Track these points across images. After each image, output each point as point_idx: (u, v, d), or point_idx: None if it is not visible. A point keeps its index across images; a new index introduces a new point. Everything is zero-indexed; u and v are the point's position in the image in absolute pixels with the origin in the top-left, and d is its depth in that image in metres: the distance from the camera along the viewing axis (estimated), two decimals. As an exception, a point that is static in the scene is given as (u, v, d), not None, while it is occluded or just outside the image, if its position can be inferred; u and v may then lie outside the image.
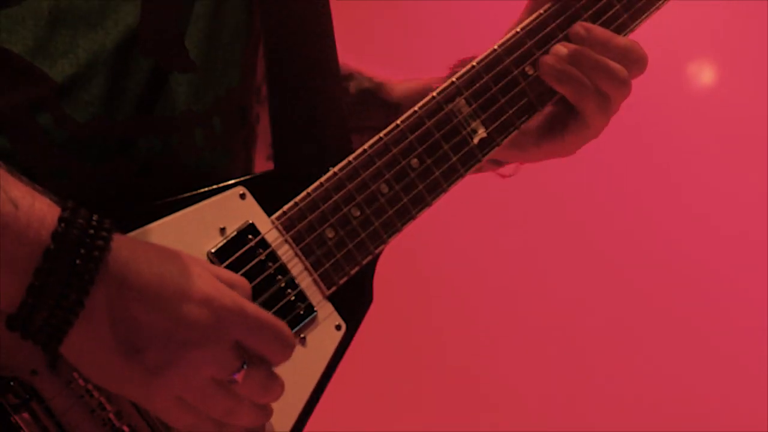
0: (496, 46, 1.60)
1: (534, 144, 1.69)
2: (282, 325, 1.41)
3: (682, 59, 3.83)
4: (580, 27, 1.62)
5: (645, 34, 1.67)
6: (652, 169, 3.84)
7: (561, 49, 1.61)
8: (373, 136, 1.59)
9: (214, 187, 1.49)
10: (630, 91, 1.63)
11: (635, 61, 1.62)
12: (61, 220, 1.32)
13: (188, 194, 1.48)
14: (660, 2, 1.67)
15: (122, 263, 1.34)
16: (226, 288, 1.39)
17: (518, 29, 1.62)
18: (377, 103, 1.88)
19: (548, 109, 1.65)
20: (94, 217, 1.34)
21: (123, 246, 1.35)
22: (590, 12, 1.64)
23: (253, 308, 1.39)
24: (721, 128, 3.78)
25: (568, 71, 1.60)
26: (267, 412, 1.42)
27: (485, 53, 1.60)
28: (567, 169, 2.26)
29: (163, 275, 1.35)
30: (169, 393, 1.36)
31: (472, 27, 3.66)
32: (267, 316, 1.40)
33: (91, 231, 1.33)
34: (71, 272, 1.32)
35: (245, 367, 1.37)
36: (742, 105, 3.77)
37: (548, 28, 1.62)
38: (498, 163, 1.78)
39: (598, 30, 1.62)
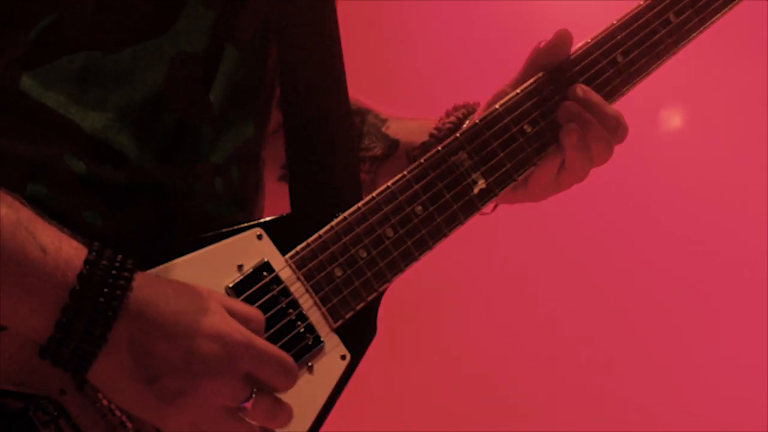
0: (497, 106, 1.71)
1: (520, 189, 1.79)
2: (286, 357, 1.51)
3: (654, 105, 3.92)
4: (579, 89, 1.73)
5: None
6: (627, 204, 3.93)
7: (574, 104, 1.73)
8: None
9: (234, 227, 1.58)
10: (611, 155, 1.75)
11: (621, 131, 1.75)
12: (86, 262, 1.42)
13: (210, 234, 1.58)
14: (652, 68, 1.78)
15: (142, 300, 1.44)
16: (237, 324, 1.49)
17: (518, 91, 1.73)
18: (380, 137, 1.97)
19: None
20: (118, 258, 1.44)
21: (144, 284, 1.45)
22: (584, 77, 1.74)
23: (261, 342, 1.49)
24: (689, 167, 3.88)
25: (573, 126, 1.72)
26: None
27: (487, 111, 1.71)
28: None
29: (179, 312, 1.45)
30: (183, 419, 1.46)
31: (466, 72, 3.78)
32: (273, 349, 1.50)
33: (114, 271, 1.43)
34: (95, 310, 1.42)
35: (254, 396, 1.47)
36: (708, 146, 3.88)
37: (545, 91, 1.72)
38: None
39: (593, 95, 1.73)
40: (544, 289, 4.06)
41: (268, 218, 1.62)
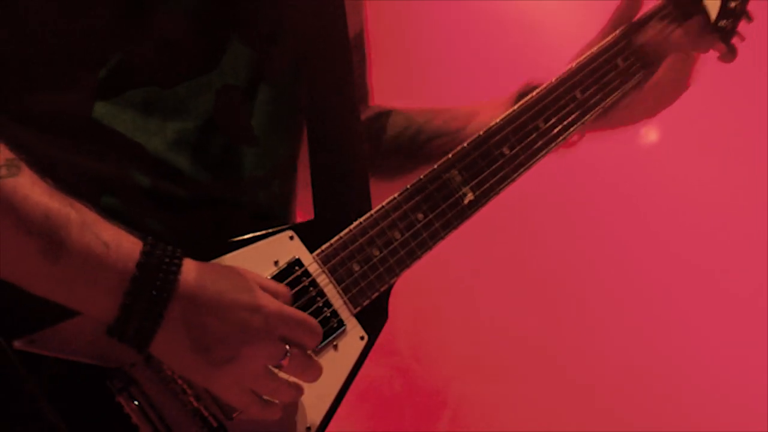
0: (481, 132, 1.98)
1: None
2: (312, 319, 1.76)
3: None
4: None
5: None
6: (608, 215, 4.13)
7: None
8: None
9: (270, 230, 1.84)
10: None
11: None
12: (142, 253, 1.65)
13: (252, 235, 1.82)
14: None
15: (191, 282, 1.66)
16: (270, 296, 1.71)
17: (498, 120, 1.99)
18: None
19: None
20: (169, 248, 1.66)
21: (191, 269, 1.68)
22: (549, 110, 2.03)
23: (291, 310, 1.73)
24: (666, 177, 4.09)
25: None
26: (301, 390, 1.75)
27: (474, 137, 1.97)
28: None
29: (221, 290, 1.68)
30: (231, 380, 1.69)
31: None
32: (301, 314, 1.75)
33: (167, 260, 1.65)
34: (153, 292, 1.64)
35: (288, 354, 1.70)
36: (682, 159, 4.10)
37: (522, 119, 2.00)
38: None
39: None
40: (539, 291, 4.21)
41: (297, 223, 1.87)
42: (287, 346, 1.71)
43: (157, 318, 1.65)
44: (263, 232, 1.85)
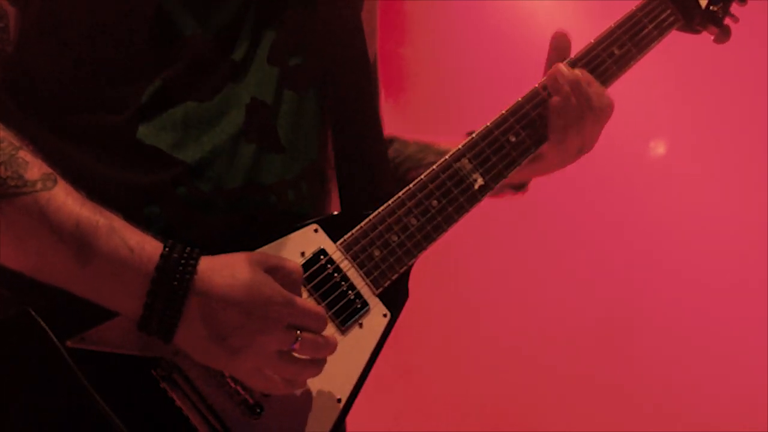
0: (488, 123, 2.13)
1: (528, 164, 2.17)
2: (316, 306, 1.89)
3: (642, 137, 4.22)
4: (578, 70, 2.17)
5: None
6: (616, 225, 4.23)
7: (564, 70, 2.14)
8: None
9: (297, 225, 1.99)
10: (598, 127, 2.15)
11: (604, 104, 2.16)
12: (161, 256, 1.80)
13: (280, 230, 1.98)
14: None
15: (205, 280, 1.81)
16: (279, 286, 1.83)
17: (504, 111, 2.13)
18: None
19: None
20: (186, 250, 1.81)
21: (206, 268, 1.81)
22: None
23: (298, 299, 1.85)
24: (673, 191, 4.18)
25: (563, 84, 2.13)
26: (319, 369, 1.88)
27: (481, 128, 2.11)
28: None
29: (234, 285, 1.81)
30: (248, 366, 1.84)
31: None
32: (307, 303, 1.87)
33: (183, 260, 1.80)
34: (171, 291, 1.79)
35: (299, 339, 1.84)
36: (690, 172, 4.18)
37: (523, 109, 2.14)
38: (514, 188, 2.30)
39: (588, 74, 2.16)
40: (544, 298, 4.31)
41: (320, 217, 2.02)
42: (298, 332, 1.84)
43: (176, 313, 1.80)
44: (291, 227, 1.99)
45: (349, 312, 1.99)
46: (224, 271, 1.83)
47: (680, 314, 4.20)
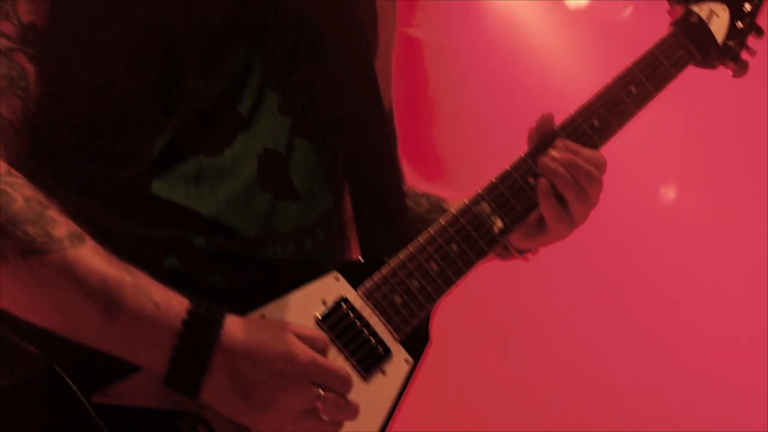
0: (507, 167, 2.13)
1: (536, 232, 2.18)
2: (341, 368, 1.91)
3: (652, 181, 4.28)
4: (560, 142, 2.14)
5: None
6: (627, 267, 4.27)
7: (554, 153, 2.12)
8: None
9: (317, 273, 2.00)
10: (599, 188, 2.12)
11: (599, 165, 2.13)
12: (188, 312, 1.83)
13: (301, 279, 1.99)
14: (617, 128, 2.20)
15: (232, 336, 1.84)
16: (304, 345, 1.86)
17: (522, 154, 2.14)
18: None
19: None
20: (213, 306, 1.84)
21: (231, 324, 1.84)
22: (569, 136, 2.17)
23: (322, 360, 1.88)
24: (685, 232, 4.22)
25: (557, 168, 2.11)
26: (341, 425, 1.90)
27: (500, 172, 2.12)
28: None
29: (259, 342, 1.84)
30: (272, 423, 1.86)
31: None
32: (331, 364, 1.90)
33: (209, 317, 1.83)
34: (198, 346, 1.82)
35: (322, 398, 1.86)
36: (699, 218, 4.23)
37: (544, 150, 2.14)
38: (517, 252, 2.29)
39: (570, 144, 2.14)
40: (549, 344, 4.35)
41: (341, 264, 2.03)
42: (321, 391, 1.86)
43: (202, 369, 1.83)
44: (312, 275, 2.01)
45: (371, 359, 2.00)
46: (250, 328, 1.86)
47: (687, 360, 4.26)
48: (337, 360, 1.97)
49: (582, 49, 4.21)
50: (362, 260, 2.06)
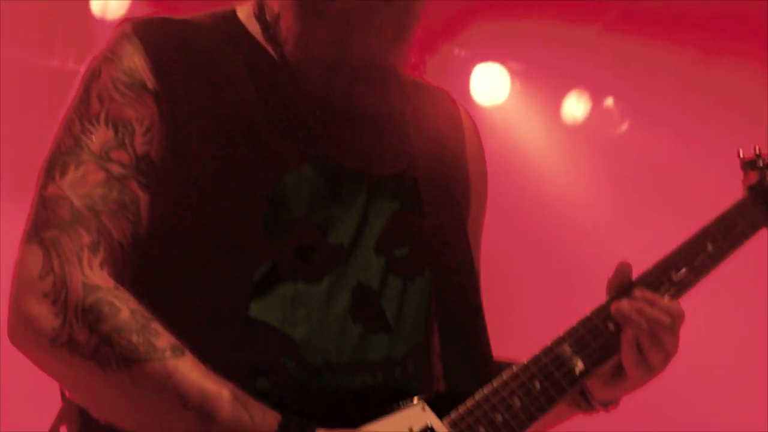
0: (589, 313, 2.22)
1: (615, 379, 2.24)
2: None
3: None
4: (638, 291, 2.22)
5: None
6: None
7: (630, 302, 2.20)
8: None
9: (405, 402, 2.08)
10: (675, 337, 2.19)
11: (676, 315, 2.20)
12: (279, 425, 1.91)
13: (390, 408, 2.06)
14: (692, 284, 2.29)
15: None
16: None
17: (604, 302, 2.22)
18: None
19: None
20: (303, 422, 1.92)
21: None
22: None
23: None
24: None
25: (630, 315, 2.18)
26: None
27: (583, 316, 2.21)
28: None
29: None
30: None
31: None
32: None
33: (300, 428, 1.92)
34: None
35: None
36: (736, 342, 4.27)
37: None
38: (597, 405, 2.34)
39: (648, 294, 2.22)
40: None
41: (427, 395, 2.11)
42: None
43: None
44: (400, 405, 2.09)
45: None
46: None
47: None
48: None
49: (579, 163, 4.27)
50: (447, 392, 2.14)
